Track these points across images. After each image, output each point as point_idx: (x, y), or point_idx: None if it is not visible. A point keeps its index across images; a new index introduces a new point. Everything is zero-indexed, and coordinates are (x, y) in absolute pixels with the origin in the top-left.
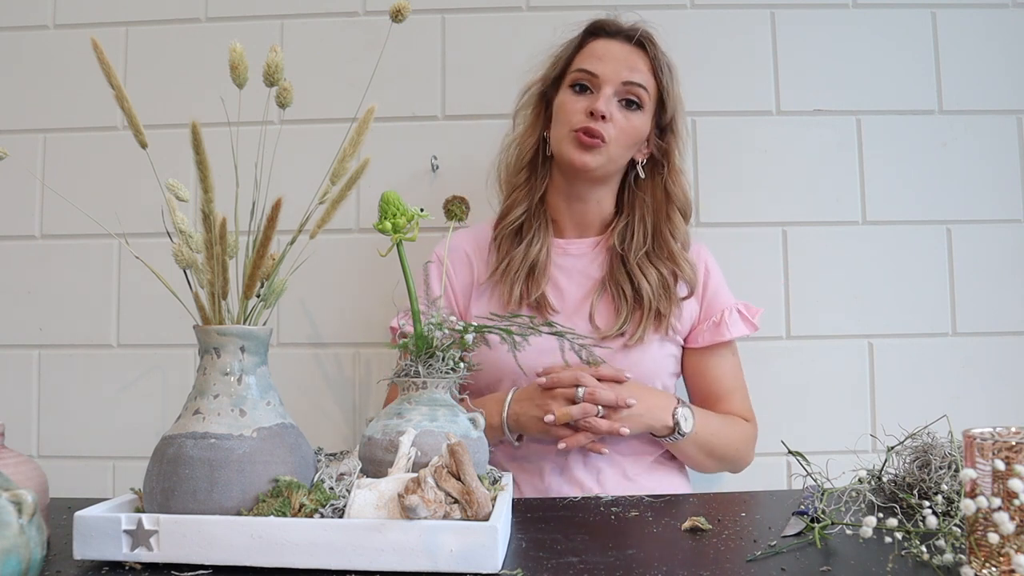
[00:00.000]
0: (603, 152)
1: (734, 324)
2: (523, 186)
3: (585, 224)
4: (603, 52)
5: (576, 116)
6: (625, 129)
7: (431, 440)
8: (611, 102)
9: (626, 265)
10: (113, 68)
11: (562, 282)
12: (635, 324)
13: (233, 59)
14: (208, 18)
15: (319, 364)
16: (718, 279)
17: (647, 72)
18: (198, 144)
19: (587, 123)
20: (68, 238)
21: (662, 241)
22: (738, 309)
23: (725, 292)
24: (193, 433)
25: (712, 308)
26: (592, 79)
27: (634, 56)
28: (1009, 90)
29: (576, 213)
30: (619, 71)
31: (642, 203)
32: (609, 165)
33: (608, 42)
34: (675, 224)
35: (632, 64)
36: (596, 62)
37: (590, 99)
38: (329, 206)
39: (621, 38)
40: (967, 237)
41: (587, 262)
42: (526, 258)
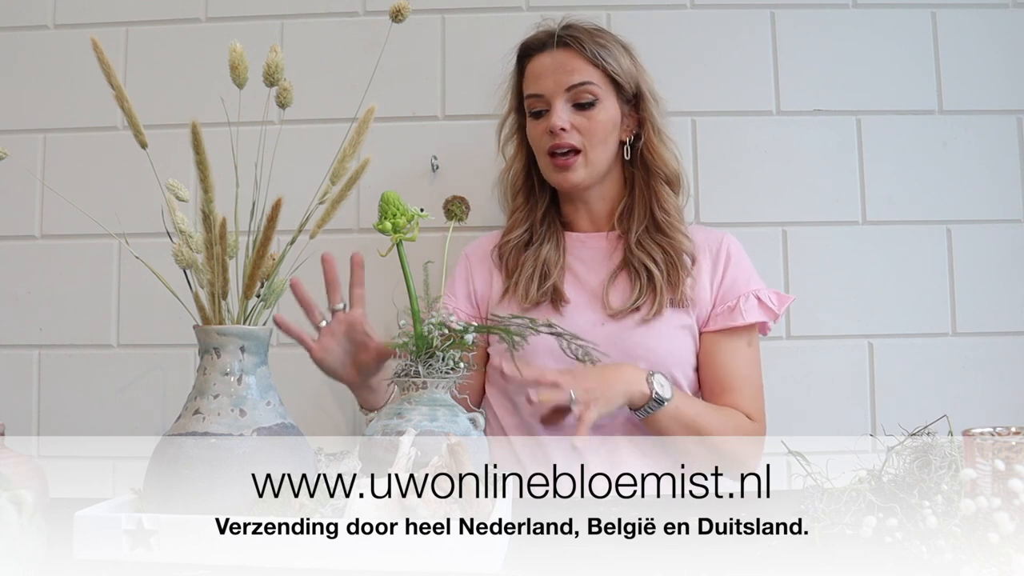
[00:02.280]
0: (580, 163)
1: (749, 310)
2: (522, 207)
3: (598, 219)
4: (539, 70)
5: (542, 140)
6: (591, 129)
7: (431, 440)
8: (564, 112)
9: (631, 247)
10: (113, 68)
11: (581, 272)
12: (651, 300)
13: (233, 59)
14: (208, 18)
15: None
16: (739, 266)
17: (585, 66)
18: (198, 144)
19: (551, 142)
20: (68, 238)
21: (655, 215)
22: (757, 296)
23: (746, 279)
24: (193, 433)
25: (729, 294)
26: (540, 101)
27: (567, 58)
28: (1009, 90)
29: (584, 212)
30: (559, 81)
31: (638, 180)
32: (594, 170)
33: (539, 58)
34: (660, 195)
35: (567, 68)
36: (536, 83)
37: (547, 119)
38: (329, 206)
39: (550, 47)
40: (967, 237)
41: (607, 251)
42: (537, 260)
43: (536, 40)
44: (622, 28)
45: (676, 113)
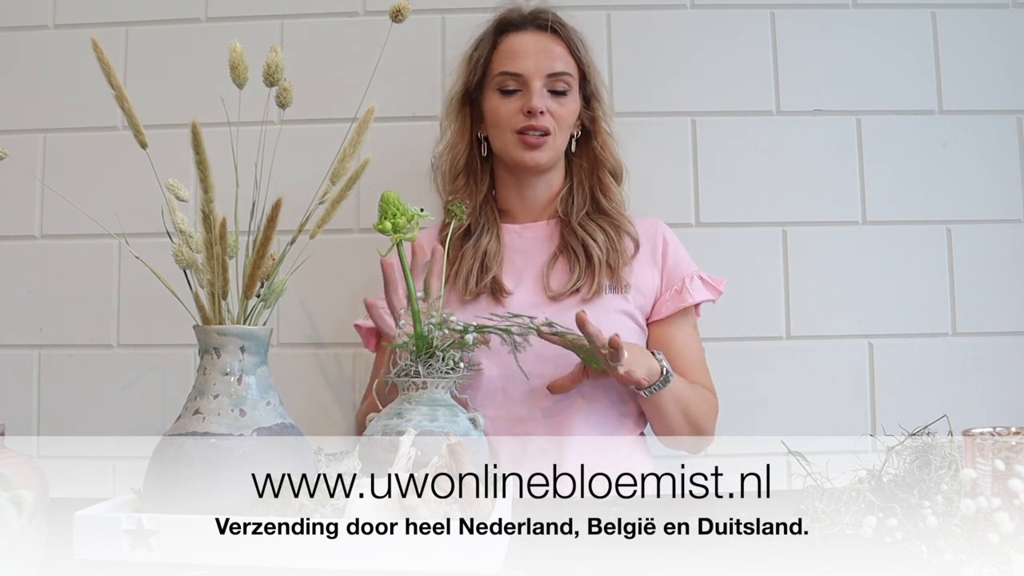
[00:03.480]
0: (549, 145)
1: (696, 289)
2: (462, 190)
3: (539, 208)
4: (520, 48)
5: (514, 119)
6: (563, 116)
7: (431, 440)
8: (543, 96)
9: (572, 229)
10: (113, 68)
11: (519, 263)
12: (590, 280)
13: (233, 59)
14: (208, 18)
15: (319, 364)
16: (677, 250)
17: (566, 55)
18: (198, 144)
19: (527, 122)
20: (68, 238)
21: (599, 202)
22: (700, 276)
23: (686, 261)
24: (193, 433)
25: (673, 277)
26: (516, 80)
27: (551, 44)
28: (1009, 90)
29: (528, 199)
30: (541, 65)
31: (580, 169)
32: (556, 154)
33: (521, 36)
34: (607, 186)
35: (551, 53)
36: (516, 61)
37: (522, 98)
38: (329, 206)
39: (533, 28)
40: (967, 237)
41: (543, 239)
42: (477, 252)
43: (517, 17)
44: (622, 28)
45: (676, 113)
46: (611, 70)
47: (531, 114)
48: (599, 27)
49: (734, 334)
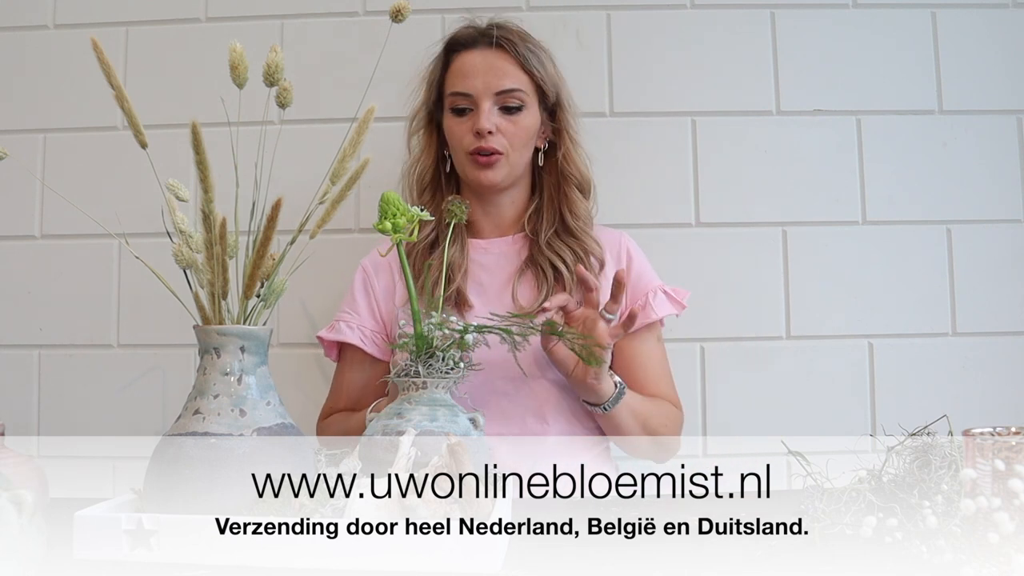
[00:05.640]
0: (503, 163)
1: (660, 305)
2: (428, 205)
3: (504, 223)
4: (468, 68)
5: (465, 139)
6: (516, 133)
7: (431, 440)
8: (492, 115)
9: (540, 248)
10: (113, 68)
11: (483, 278)
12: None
13: (233, 59)
14: (208, 18)
15: (319, 364)
16: (641, 264)
17: (517, 71)
18: (198, 144)
19: (477, 143)
20: (68, 238)
21: (566, 220)
22: (663, 290)
23: (649, 276)
24: (193, 433)
25: (636, 292)
26: (466, 99)
27: (499, 60)
28: (1009, 90)
29: (492, 216)
30: (489, 83)
31: (548, 185)
32: (513, 171)
33: (469, 54)
34: (572, 201)
35: (499, 71)
36: (464, 81)
37: (472, 118)
38: (329, 206)
39: (481, 45)
40: (967, 237)
41: (509, 255)
42: (440, 262)
43: (466, 35)
44: (622, 28)
45: (676, 113)
46: (611, 70)
47: (479, 135)
48: (599, 27)
49: (734, 334)
